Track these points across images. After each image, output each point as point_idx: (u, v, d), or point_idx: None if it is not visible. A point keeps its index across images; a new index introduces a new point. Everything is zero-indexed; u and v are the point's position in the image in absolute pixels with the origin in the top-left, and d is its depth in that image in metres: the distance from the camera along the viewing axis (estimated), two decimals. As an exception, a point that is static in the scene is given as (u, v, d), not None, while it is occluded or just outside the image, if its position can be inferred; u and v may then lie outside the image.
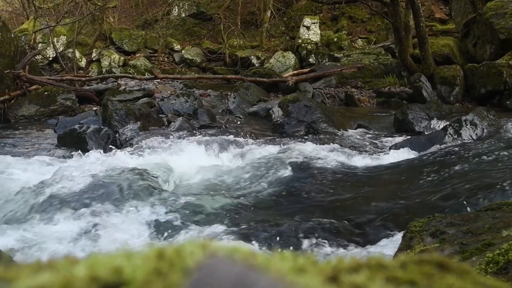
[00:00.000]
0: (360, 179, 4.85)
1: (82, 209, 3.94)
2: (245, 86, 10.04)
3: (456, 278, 0.43)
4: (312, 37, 15.13)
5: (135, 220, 3.82)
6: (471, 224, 2.25)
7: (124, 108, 7.57)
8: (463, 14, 12.25)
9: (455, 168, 4.59)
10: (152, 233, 3.65)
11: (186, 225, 3.76)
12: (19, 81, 9.45)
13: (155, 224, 3.77)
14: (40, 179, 4.60)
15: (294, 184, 4.76)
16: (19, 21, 17.68)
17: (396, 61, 12.51)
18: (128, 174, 4.57)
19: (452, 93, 9.66)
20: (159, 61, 16.81)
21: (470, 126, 6.22)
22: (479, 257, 1.76)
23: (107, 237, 3.53)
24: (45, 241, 3.49)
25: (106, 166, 4.85)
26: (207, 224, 3.79)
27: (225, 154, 5.80)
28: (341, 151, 5.73)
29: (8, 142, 7.04)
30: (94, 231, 3.61)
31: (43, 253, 3.30)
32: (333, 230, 3.56)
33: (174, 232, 3.67)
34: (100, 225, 3.70)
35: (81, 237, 3.54)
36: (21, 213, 4.00)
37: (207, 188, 4.65)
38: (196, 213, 3.95)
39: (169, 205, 4.04)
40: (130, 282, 0.35)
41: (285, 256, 0.41)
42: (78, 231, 3.63)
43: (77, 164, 5.16)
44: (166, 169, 5.07)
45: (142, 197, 4.19)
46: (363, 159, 5.50)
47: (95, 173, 4.62)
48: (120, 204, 4.07)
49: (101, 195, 4.18)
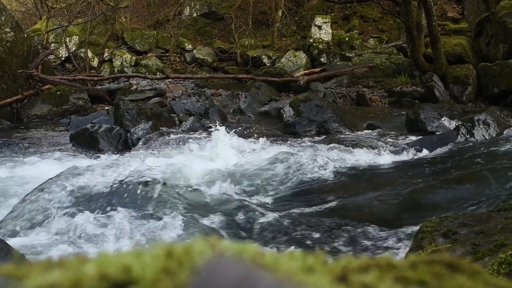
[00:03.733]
0: (371, 178, 4.83)
1: (94, 209, 3.97)
2: (256, 86, 10.05)
3: (466, 278, 0.42)
4: (324, 37, 15.09)
5: (144, 220, 3.83)
6: (483, 225, 2.24)
7: (135, 108, 7.60)
8: (476, 13, 12.15)
9: (467, 168, 4.56)
10: (162, 233, 3.66)
11: (195, 225, 3.77)
12: (32, 81, 9.53)
13: (165, 224, 3.78)
14: (52, 179, 4.63)
15: (304, 184, 4.75)
16: (32, 21, 17.82)
17: (408, 60, 12.44)
18: (138, 174, 4.59)
19: (464, 92, 9.59)
20: (170, 60, 16.86)
21: (482, 126, 6.17)
22: (491, 258, 1.75)
23: (120, 237, 3.55)
24: (57, 241, 3.52)
25: (118, 167, 4.87)
26: (216, 224, 3.80)
27: (236, 154, 5.80)
28: (352, 150, 5.71)
29: (21, 142, 7.10)
30: (105, 231, 3.63)
31: (54, 252, 3.33)
32: (343, 230, 3.55)
33: (183, 232, 3.68)
34: (112, 225, 3.72)
35: (94, 236, 3.56)
36: (33, 213, 4.03)
37: (216, 187, 4.65)
38: (205, 213, 3.96)
39: (179, 205, 4.05)
40: (139, 280, 0.35)
41: (294, 255, 0.41)
42: (91, 230, 3.65)
43: (90, 164, 5.19)
44: (176, 169, 5.08)
45: (153, 197, 4.20)
46: (375, 159, 5.48)
47: (108, 174, 4.65)
48: (134, 205, 4.08)
49: (114, 197, 4.20)
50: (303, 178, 4.91)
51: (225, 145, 5.91)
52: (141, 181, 4.46)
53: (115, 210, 3.94)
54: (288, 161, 5.22)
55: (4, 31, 9.44)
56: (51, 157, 5.88)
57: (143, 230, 3.67)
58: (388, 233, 3.52)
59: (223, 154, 5.74)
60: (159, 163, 5.21)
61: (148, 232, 3.64)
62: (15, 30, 9.69)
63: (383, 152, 5.81)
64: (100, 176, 4.56)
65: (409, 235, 3.17)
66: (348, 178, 4.88)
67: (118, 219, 3.80)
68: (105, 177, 4.55)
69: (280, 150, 5.65)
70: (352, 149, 5.79)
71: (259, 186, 4.80)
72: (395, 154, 5.80)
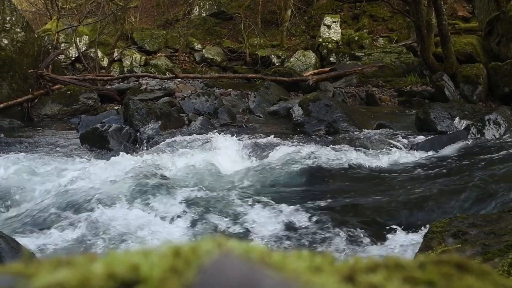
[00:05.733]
0: (381, 178, 4.82)
1: (105, 208, 3.98)
2: (266, 85, 10.04)
3: (475, 279, 0.42)
4: (333, 36, 15.05)
5: (155, 218, 3.85)
6: (493, 225, 2.22)
7: (145, 107, 7.62)
8: (487, 12, 12.07)
9: (478, 168, 4.53)
10: (173, 232, 3.67)
11: (204, 223, 3.78)
12: (42, 81, 9.59)
13: (177, 223, 3.79)
14: (62, 178, 4.66)
15: (314, 183, 4.75)
16: (42, 21, 17.91)
17: (418, 59, 12.38)
18: (147, 174, 4.60)
19: (475, 92, 9.52)
20: (180, 60, 16.89)
21: (493, 126, 6.12)
22: (501, 259, 1.74)
23: (130, 235, 3.56)
24: (67, 241, 3.54)
25: (128, 166, 4.89)
26: (225, 224, 3.81)
27: (245, 153, 5.80)
28: (361, 150, 5.69)
29: (32, 141, 7.15)
30: (115, 230, 3.64)
31: (63, 252, 3.35)
32: (352, 230, 3.54)
33: (193, 231, 3.69)
34: (123, 224, 3.73)
35: (105, 236, 3.58)
36: (44, 213, 4.06)
37: (226, 187, 4.66)
38: (214, 213, 3.97)
39: (189, 204, 4.07)
40: (146, 279, 0.36)
41: (302, 255, 0.41)
42: (102, 230, 3.66)
43: (100, 163, 5.22)
44: (186, 168, 5.09)
45: (163, 196, 4.22)
46: (384, 159, 5.46)
47: (117, 173, 4.67)
48: (142, 204, 4.10)
49: (123, 195, 4.22)
50: (313, 177, 4.91)
51: (234, 145, 5.92)
52: (151, 180, 4.48)
53: (129, 209, 3.96)
54: (297, 161, 5.22)
55: (15, 31, 9.51)
56: (61, 156, 5.91)
57: (155, 228, 3.68)
58: (397, 233, 3.51)
59: (233, 154, 5.74)
60: (169, 162, 5.22)
61: (162, 230, 3.66)
62: (25, 30, 9.75)
63: (393, 152, 5.79)
64: (112, 175, 4.58)
65: (419, 235, 3.16)
66: (357, 178, 4.87)
67: (133, 217, 3.81)
68: (117, 175, 4.57)
69: (289, 150, 5.64)
70: (361, 149, 5.77)
71: (268, 186, 4.80)
72: (404, 153, 5.78)
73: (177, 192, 4.30)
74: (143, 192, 4.28)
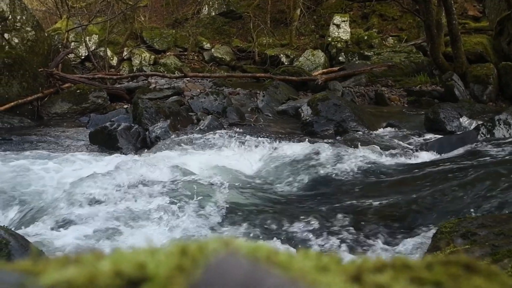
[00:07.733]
0: (389, 178, 4.80)
1: (113, 207, 4.00)
2: (274, 85, 10.04)
3: (483, 280, 0.42)
4: (342, 35, 15.01)
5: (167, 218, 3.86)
6: (503, 226, 2.21)
7: (154, 106, 7.65)
8: (497, 12, 11.99)
9: (487, 168, 4.51)
10: (183, 231, 3.68)
11: (216, 223, 3.79)
12: (52, 79, 9.64)
13: (188, 223, 3.80)
14: (72, 176, 4.69)
15: (321, 183, 4.75)
16: (53, 20, 18.00)
17: (428, 59, 12.32)
18: (156, 172, 4.62)
19: (485, 92, 9.47)
20: (189, 59, 16.92)
21: (503, 126, 6.08)
22: (511, 260, 1.73)
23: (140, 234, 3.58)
24: (78, 238, 3.55)
25: (139, 165, 4.90)
26: (234, 223, 3.81)
27: (254, 153, 5.80)
28: (370, 150, 5.68)
29: (42, 139, 7.19)
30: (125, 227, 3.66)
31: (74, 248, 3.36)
32: (360, 230, 3.54)
33: (202, 230, 3.70)
34: (133, 223, 3.75)
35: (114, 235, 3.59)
36: (54, 211, 4.08)
37: (235, 187, 4.66)
38: (225, 212, 3.97)
39: (198, 203, 4.07)
40: (153, 277, 0.36)
41: (309, 254, 0.41)
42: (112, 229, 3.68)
43: (109, 162, 5.24)
44: (195, 167, 5.10)
45: (176, 195, 4.23)
46: (393, 159, 5.44)
47: (127, 172, 4.68)
48: (155, 202, 4.11)
49: (134, 193, 4.24)
50: (320, 177, 4.90)
51: (242, 144, 5.93)
52: (163, 179, 4.49)
53: (147, 207, 3.97)
54: (305, 160, 5.21)
55: (25, 30, 9.57)
56: (70, 154, 5.93)
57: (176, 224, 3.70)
58: (406, 233, 3.50)
59: (242, 153, 5.75)
60: (179, 161, 5.24)
61: (181, 226, 3.67)
62: (36, 29, 9.82)
63: (402, 151, 5.77)
64: (119, 175, 4.60)
65: (428, 236, 3.15)
66: (365, 178, 4.86)
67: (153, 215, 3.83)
68: (128, 175, 4.59)
69: (298, 149, 5.64)
70: (370, 149, 5.75)
71: (277, 185, 4.80)
72: (413, 153, 5.76)
73: (188, 189, 4.31)
74: (152, 190, 4.29)
